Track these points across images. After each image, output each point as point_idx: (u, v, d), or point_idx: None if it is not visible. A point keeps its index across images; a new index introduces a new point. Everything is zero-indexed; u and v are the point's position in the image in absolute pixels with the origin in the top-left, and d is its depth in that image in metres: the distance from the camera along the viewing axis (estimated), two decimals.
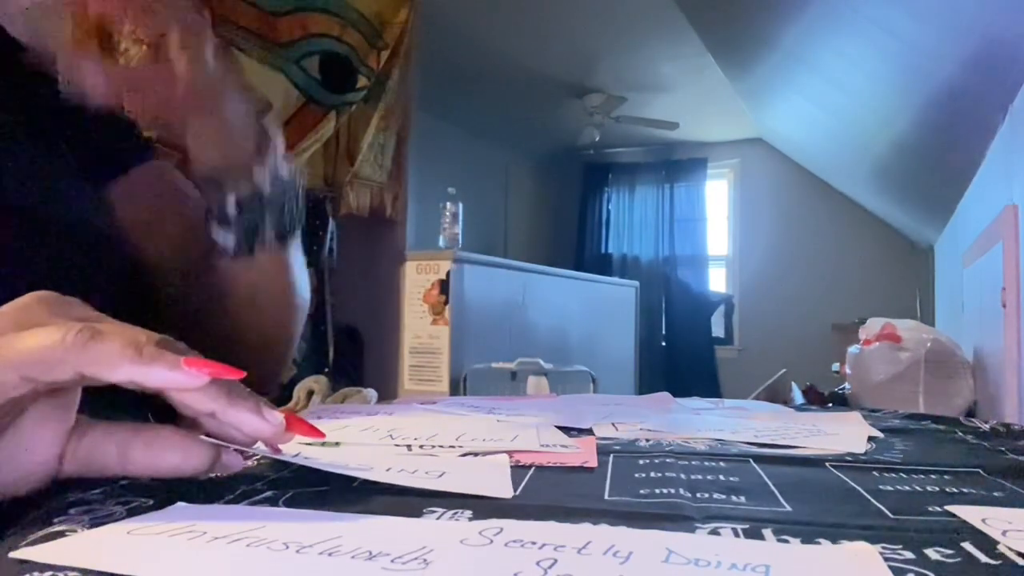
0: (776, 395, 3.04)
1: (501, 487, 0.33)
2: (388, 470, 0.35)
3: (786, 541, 0.26)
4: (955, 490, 0.34)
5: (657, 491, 0.33)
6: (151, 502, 0.30)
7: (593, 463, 0.39)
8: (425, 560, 0.23)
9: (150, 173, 0.62)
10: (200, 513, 0.28)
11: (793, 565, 0.23)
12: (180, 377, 0.28)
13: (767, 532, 0.27)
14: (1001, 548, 0.25)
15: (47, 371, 0.27)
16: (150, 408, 0.32)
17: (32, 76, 0.58)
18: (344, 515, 0.28)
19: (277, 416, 0.32)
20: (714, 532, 0.27)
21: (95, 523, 0.27)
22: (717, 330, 5.69)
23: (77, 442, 0.31)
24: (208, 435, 0.32)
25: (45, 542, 0.24)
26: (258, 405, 0.31)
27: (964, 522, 0.28)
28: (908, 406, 2.15)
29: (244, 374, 0.31)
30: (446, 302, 2.55)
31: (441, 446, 0.42)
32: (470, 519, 0.28)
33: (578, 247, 6.11)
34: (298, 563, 0.23)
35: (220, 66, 0.51)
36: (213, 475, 0.34)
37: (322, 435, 0.35)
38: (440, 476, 0.34)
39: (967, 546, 0.25)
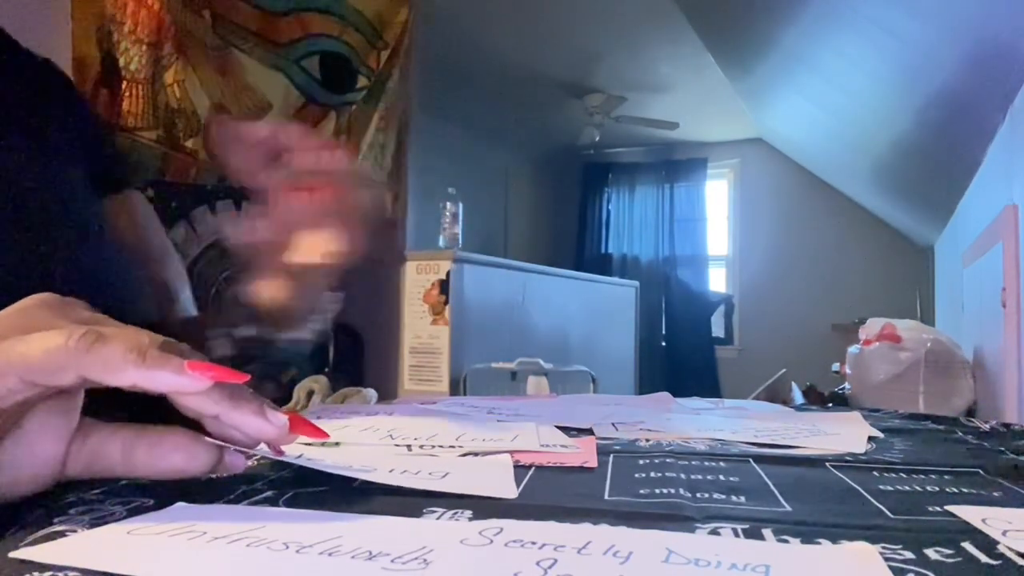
0: (776, 395, 3.04)
1: (505, 487, 0.33)
2: (391, 471, 0.35)
3: (786, 541, 0.26)
4: (955, 490, 0.34)
5: (657, 491, 0.33)
6: (151, 502, 0.30)
7: (593, 463, 0.39)
8: (425, 560, 0.23)
9: (126, 199, 0.67)
10: (200, 513, 0.28)
11: (793, 565, 0.23)
12: (184, 381, 0.28)
13: (767, 532, 0.27)
14: (1001, 548, 0.25)
15: (51, 375, 0.27)
16: (149, 407, 0.32)
17: (40, 87, 0.59)
18: (344, 515, 0.28)
19: (281, 418, 0.32)
20: (714, 532, 0.27)
21: (95, 523, 0.27)
22: (717, 330, 5.68)
23: (81, 443, 0.31)
24: (210, 436, 0.32)
25: (45, 542, 0.24)
26: (262, 407, 0.31)
27: (964, 522, 0.28)
28: (908, 406, 2.15)
29: (248, 377, 0.31)
30: (446, 302, 2.55)
31: (441, 446, 0.42)
32: (470, 519, 0.28)
33: (578, 247, 6.10)
34: (298, 563, 0.23)
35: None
36: (215, 475, 0.34)
37: (326, 435, 0.35)
38: (443, 476, 0.34)
39: (967, 546, 0.25)
